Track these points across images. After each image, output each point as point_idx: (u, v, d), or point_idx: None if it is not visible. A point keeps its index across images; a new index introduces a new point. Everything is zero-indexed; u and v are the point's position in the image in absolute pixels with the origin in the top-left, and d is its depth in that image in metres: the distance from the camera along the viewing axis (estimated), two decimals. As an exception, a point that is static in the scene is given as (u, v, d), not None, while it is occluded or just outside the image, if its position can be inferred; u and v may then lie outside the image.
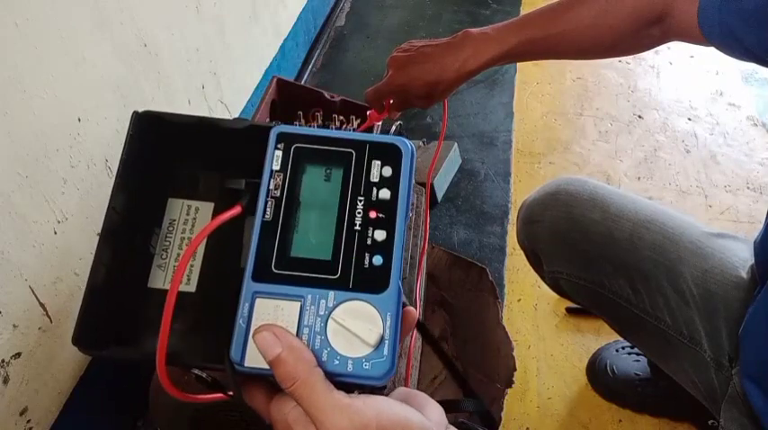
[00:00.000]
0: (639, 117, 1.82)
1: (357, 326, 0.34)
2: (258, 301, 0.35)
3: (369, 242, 0.36)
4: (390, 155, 0.37)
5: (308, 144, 0.38)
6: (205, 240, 0.37)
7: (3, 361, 0.76)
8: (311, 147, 0.38)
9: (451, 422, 0.37)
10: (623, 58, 2.04)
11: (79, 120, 0.86)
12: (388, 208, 0.36)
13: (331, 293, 0.35)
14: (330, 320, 0.34)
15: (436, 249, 1.15)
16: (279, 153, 0.37)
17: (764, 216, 0.74)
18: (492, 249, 1.43)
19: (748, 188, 1.61)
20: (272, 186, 0.37)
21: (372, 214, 0.36)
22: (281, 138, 0.38)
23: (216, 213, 0.38)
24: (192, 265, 0.38)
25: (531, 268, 1.01)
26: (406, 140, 0.38)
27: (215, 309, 0.36)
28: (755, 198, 1.58)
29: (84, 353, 0.37)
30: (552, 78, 1.96)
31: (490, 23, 0.74)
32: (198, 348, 0.36)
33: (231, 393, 0.37)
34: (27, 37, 0.75)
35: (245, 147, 0.39)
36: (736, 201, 1.57)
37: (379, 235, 0.36)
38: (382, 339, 0.34)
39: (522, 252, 1.00)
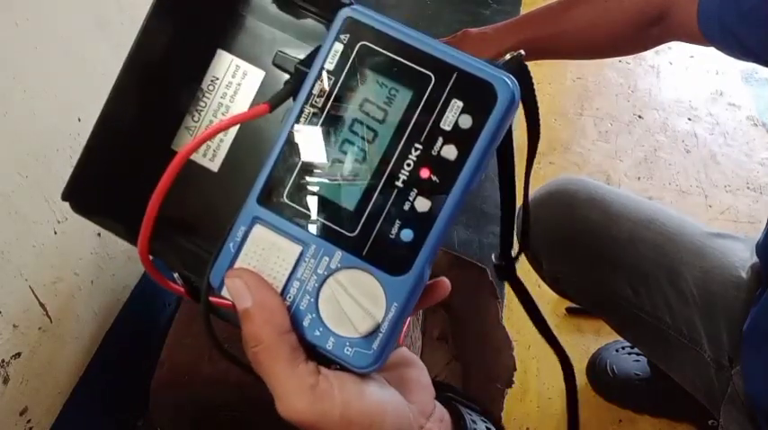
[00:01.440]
0: (639, 117, 1.82)
1: (353, 305, 0.28)
2: (256, 229, 0.29)
3: (406, 208, 0.27)
4: (479, 97, 0.27)
5: (380, 47, 0.28)
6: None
7: (3, 361, 0.76)
8: (382, 53, 0.28)
9: (442, 400, 0.34)
10: (623, 58, 2.04)
11: (79, 120, 0.86)
12: (448, 172, 0.27)
13: (339, 253, 0.28)
14: (327, 283, 0.28)
15: (436, 249, 1.15)
16: (339, 47, 0.28)
17: (765, 216, 0.74)
18: (492, 249, 1.43)
19: (748, 188, 1.61)
20: (316, 90, 0.28)
21: (425, 173, 0.27)
22: (349, 26, 0.28)
23: (265, 85, 0.32)
24: (221, 140, 0.32)
25: (531, 268, 1.00)
26: (512, 81, 0.27)
27: (229, 204, 0.29)
28: (755, 198, 1.58)
29: (75, 212, 0.32)
30: (552, 78, 1.96)
31: (490, 23, 0.74)
32: (187, 250, 0.31)
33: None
34: (27, 37, 0.75)
35: (305, 19, 0.31)
36: (736, 201, 1.57)
37: (422, 204, 0.27)
38: (377, 330, 0.28)
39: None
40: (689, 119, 1.82)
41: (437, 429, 0.31)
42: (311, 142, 0.28)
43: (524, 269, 1.33)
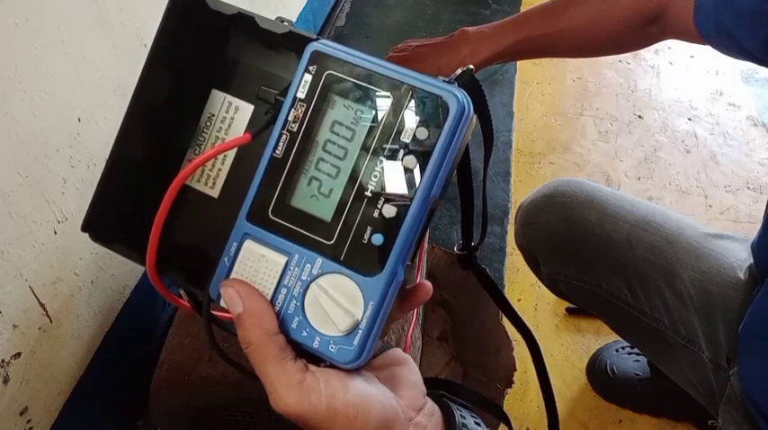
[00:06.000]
0: (639, 117, 1.82)
1: (334, 306, 0.31)
2: (246, 244, 0.32)
3: (375, 215, 0.30)
4: (432, 111, 0.30)
5: (343, 74, 0.31)
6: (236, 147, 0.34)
7: (3, 361, 0.76)
8: (345, 79, 0.31)
9: (435, 397, 0.36)
10: (623, 58, 2.04)
11: (79, 120, 0.86)
12: (410, 180, 0.30)
13: (319, 260, 0.31)
14: (311, 288, 0.31)
15: (436, 249, 1.15)
16: (308, 78, 0.31)
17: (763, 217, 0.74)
18: (492, 249, 1.43)
19: (748, 188, 1.61)
20: (291, 117, 0.31)
21: None
22: (315, 59, 0.31)
23: (253, 118, 0.35)
24: (219, 169, 0.35)
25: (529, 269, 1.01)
26: (461, 95, 0.30)
27: (229, 225, 0.33)
28: (755, 198, 1.58)
29: (94, 241, 0.36)
30: (552, 78, 1.96)
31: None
32: (191, 268, 0.34)
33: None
34: (27, 37, 0.75)
35: (282, 55, 0.34)
36: (736, 201, 1.57)
37: (389, 210, 0.30)
38: (356, 327, 0.30)
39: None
40: (689, 119, 1.82)
41: (426, 421, 0.33)
42: (289, 164, 0.31)
43: (524, 270, 1.33)
